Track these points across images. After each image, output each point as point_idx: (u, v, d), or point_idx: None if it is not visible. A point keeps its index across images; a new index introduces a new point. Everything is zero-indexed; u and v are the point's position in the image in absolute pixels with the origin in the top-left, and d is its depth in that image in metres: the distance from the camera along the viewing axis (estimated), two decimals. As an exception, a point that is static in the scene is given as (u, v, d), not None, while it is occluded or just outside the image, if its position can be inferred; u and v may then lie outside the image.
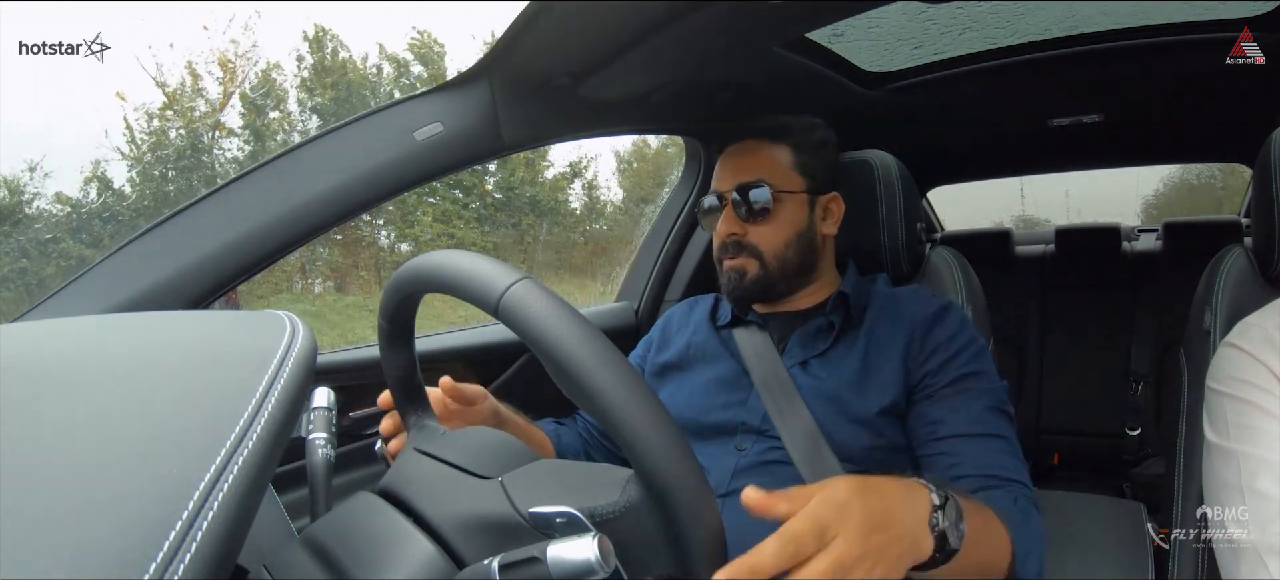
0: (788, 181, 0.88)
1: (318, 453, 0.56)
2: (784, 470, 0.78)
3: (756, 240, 0.87)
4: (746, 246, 0.87)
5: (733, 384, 0.86)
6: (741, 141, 0.91)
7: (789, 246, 0.87)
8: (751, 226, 0.87)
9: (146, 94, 6.58)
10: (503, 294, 0.42)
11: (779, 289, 0.89)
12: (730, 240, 0.87)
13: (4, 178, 5.37)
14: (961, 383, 0.78)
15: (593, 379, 0.40)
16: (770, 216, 0.86)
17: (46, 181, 5.47)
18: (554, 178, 7.97)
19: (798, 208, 0.88)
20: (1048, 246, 2.21)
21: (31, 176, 5.39)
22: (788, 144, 0.89)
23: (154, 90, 6.26)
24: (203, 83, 6.42)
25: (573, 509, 0.42)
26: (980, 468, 0.72)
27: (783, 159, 0.88)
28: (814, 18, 0.89)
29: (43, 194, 5.51)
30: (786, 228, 0.87)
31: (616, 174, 8.78)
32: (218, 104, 6.52)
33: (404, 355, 0.59)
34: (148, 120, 6.13)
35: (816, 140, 0.91)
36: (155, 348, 0.42)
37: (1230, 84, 1.20)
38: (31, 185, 5.42)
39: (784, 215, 0.87)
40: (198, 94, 6.43)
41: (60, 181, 5.55)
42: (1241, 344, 0.65)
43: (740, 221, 0.87)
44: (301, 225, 0.79)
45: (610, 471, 0.44)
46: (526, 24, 0.77)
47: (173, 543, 0.25)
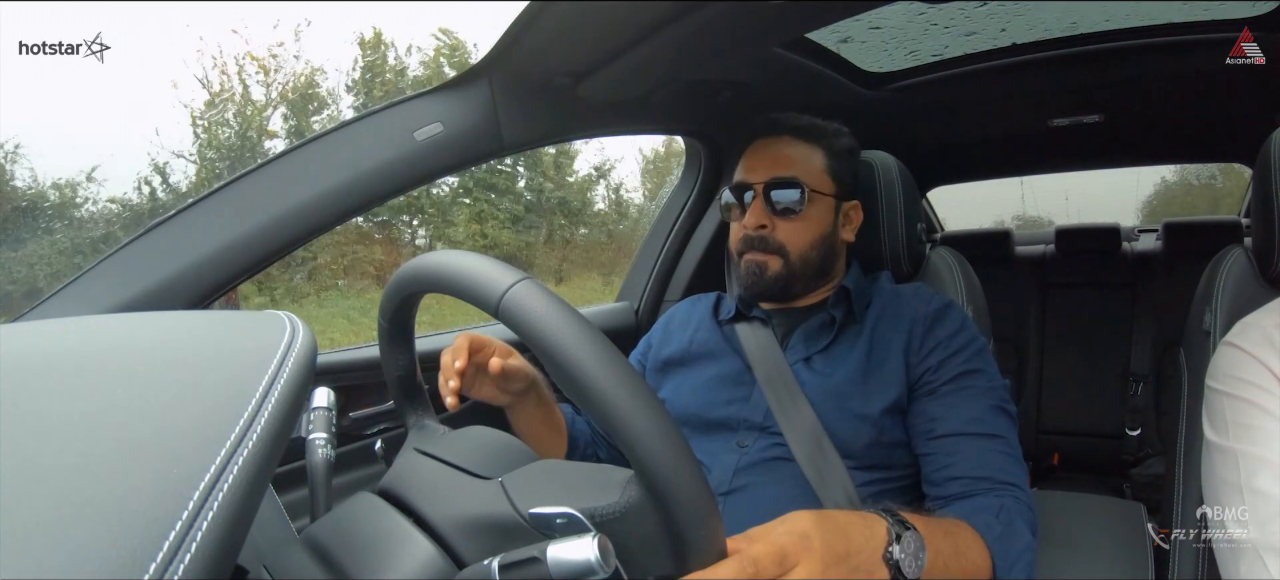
0: (820, 183, 0.88)
1: (318, 453, 0.56)
2: (786, 467, 0.78)
3: (783, 237, 0.86)
4: (772, 242, 0.86)
5: (736, 380, 0.86)
6: (775, 137, 0.90)
7: (814, 248, 0.87)
8: (780, 222, 0.86)
9: (195, 94, 7.03)
10: (503, 295, 0.42)
11: (796, 289, 0.88)
12: (757, 233, 0.86)
13: (61, 181, 5.71)
14: (961, 380, 0.78)
15: (593, 380, 0.40)
16: (799, 215, 0.86)
17: (102, 188, 5.87)
18: (580, 179, 8.30)
19: (825, 210, 0.88)
20: (1048, 246, 2.21)
21: (88, 182, 5.76)
22: (820, 146, 0.89)
23: (200, 90, 6.57)
24: (247, 85, 6.70)
25: (573, 510, 0.42)
26: (973, 469, 0.72)
27: (816, 161, 0.88)
28: (814, 18, 0.89)
29: (96, 199, 5.90)
30: (813, 228, 0.87)
31: (642, 174, 9.06)
32: (260, 106, 6.74)
33: (404, 355, 0.59)
34: (193, 121, 6.39)
35: (844, 147, 0.91)
36: (155, 348, 0.42)
37: (1230, 84, 1.20)
38: (86, 189, 5.79)
39: (813, 215, 0.87)
40: (246, 99, 6.66)
41: (114, 186, 6.00)
42: (1241, 343, 0.65)
43: (769, 215, 0.86)
44: (302, 225, 0.79)
45: (611, 472, 0.44)
46: (526, 24, 0.77)
47: (173, 543, 0.25)
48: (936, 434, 0.76)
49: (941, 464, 0.74)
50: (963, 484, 0.72)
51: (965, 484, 0.72)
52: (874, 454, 0.78)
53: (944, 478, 0.74)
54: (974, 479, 0.72)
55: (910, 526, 0.57)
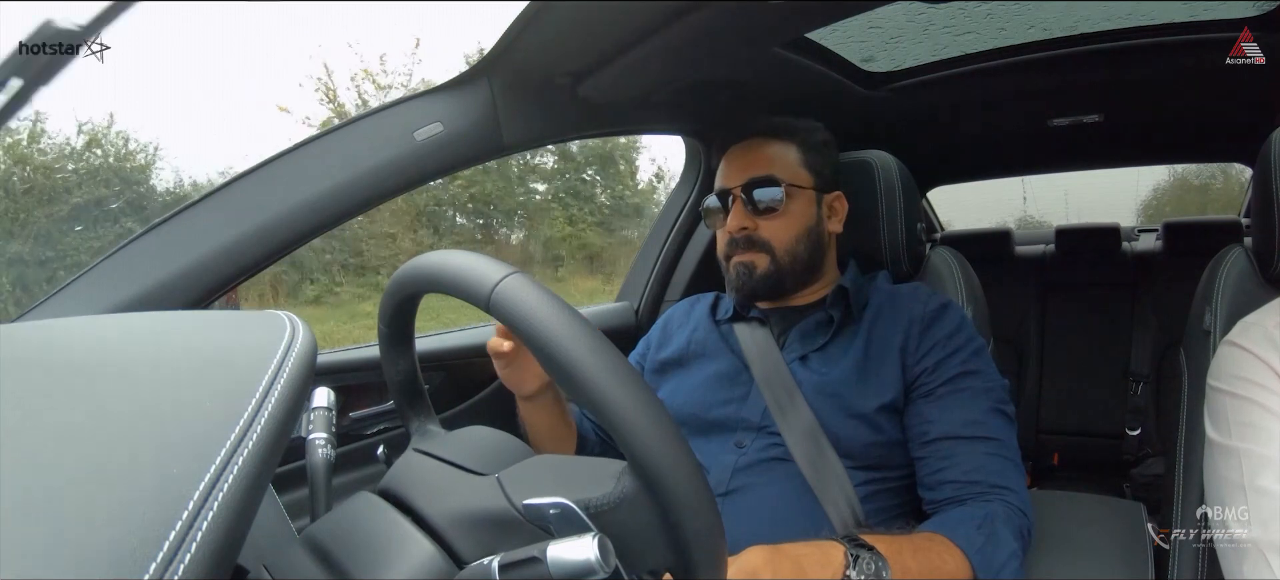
0: (797, 177, 0.88)
1: (318, 453, 0.56)
2: (784, 468, 0.78)
3: (768, 235, 0.86)
4: (757, 241, 0.86)
5: (733, 379, 0.86)
6: (747, 140, 0.91)
7: (799, 241, 0.87)
8: (762, 221, 0.87)
9: (308, 108, 7.72)
10: (493, 289, 0.43)
11: (788, 285, 0.88)
12: (741, 235, 0.87)
13: (201, 183, 6.26)
14: (957, 381, 0.78)
15: (583, 369, 0.40)
16: (780, 212, 0.86)
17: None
18: (645, 184, 9.12)
19: (807, 204, 0.88)
20: (1048, 246, 2.21)
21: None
22: (794, 142, 0.90)
23: (316, 106, 7.20)
24: (366, 101, 7.29)
25: (566, 500, 0.42)
26: (965, 473, 0.72)
27: (791, 156, 0.89)
28: (814, 18, 0.89)
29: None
30: (796, 223, 0.87)
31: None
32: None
33: (405, 359, 0.59)
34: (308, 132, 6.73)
35: (820, 140, 0.92)
36: (155, 348, 0.42)
37: (1230, 84, 1.20)
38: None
39: (794, 210, 0.87)
40: (360, 108, 7.09)
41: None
42: (1242, 342, 0.65)
43: (751, 216, 0.86)
44: (302, 225, 0.79)
45: (605, 464, 0.44)
46: (526, 24, 0.76)
47: (173, 543, 0.25)
48: (931, 437, 0.76)
49: (935, 468, 0.74)
50: (954, 488, 0.72)
51: (956, 488, 0.72)
52: (872, 453, 0.78)
53: (936, 481, 0.74)
54: (965, 483, 0.72)
55: (870, 548, 0.58)
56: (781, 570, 0.51)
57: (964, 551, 0.65)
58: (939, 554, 0.64)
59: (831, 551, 0.57)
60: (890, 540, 0.61)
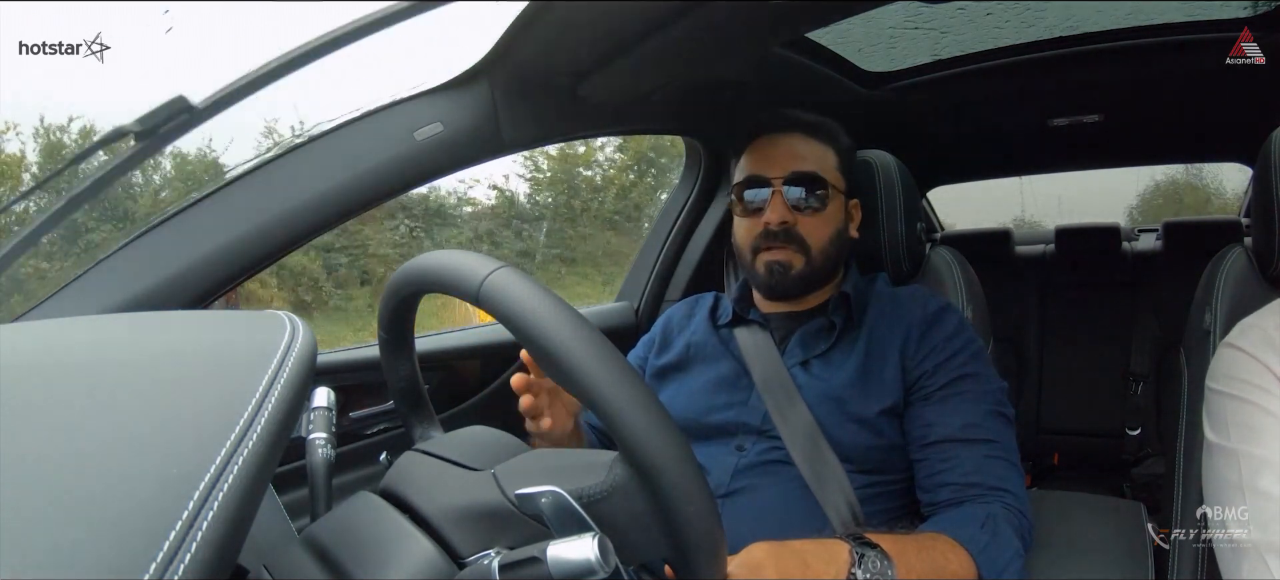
0: (835, 179, 0.87)
1: (318, 453, 0.56)
2: (784, 470, 0.78)
3: (806, 232, 0.84)
4: (795, 237, 0.84)
5: (733, 383, 0.85)
6: (785, 133, 0.88)
7: (832, 243, 0.86)
8: (802, 217, 0.85)
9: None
10: (482, 283, 0.43)
11: (813, 286, 0.88)
12: (780, 228, 0.84)
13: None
14: (956, 384, 0.78)
15: (572, 358, 0.40)
16: (821, 211, 0.85)
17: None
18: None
19: (839, 207, 0.88)
20: (1048, 246, 2.20)
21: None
22: (831, 145, 0.89)
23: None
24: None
25: (557, 488, 0.42)
26: (965, 476, 0.72)
27: (830, 159, 0.88)
28: (814, 18, 0.89)
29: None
30: (831, 224, 0.86)
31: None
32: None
33: (406, 364, 0.60)
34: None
35: (847, 145, 0.91)
36: (155, 348, 0.42)
37: (1230, 84, 1.20)
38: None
39: (831, 211, 0.86)
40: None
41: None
42: (1241, 344, 0.65)
43: (791, 211, 0.85)
44: (302, 225, 0.79)
45: (598, 455, 0.45)
46: (526, 24, 0.76)
47: (173, 543, 0.25)
48: (930, 440, 0.76)
49: (934, 470, 0.74)
50: (953, 490, 0.72)
51: (956, 490, 0.72)
52: (872, 457, 0.78)
53: (936, 484, 0.74)
54: (965, 485, 0.72)
55: (875, 546, 0.58)
56: (786, 566, 0.51)
57: (968, 551, 0.65)
58: (943, 553, 0.64)
59: (837, 549, 0.57)
60: (894, 539, 0.61)
